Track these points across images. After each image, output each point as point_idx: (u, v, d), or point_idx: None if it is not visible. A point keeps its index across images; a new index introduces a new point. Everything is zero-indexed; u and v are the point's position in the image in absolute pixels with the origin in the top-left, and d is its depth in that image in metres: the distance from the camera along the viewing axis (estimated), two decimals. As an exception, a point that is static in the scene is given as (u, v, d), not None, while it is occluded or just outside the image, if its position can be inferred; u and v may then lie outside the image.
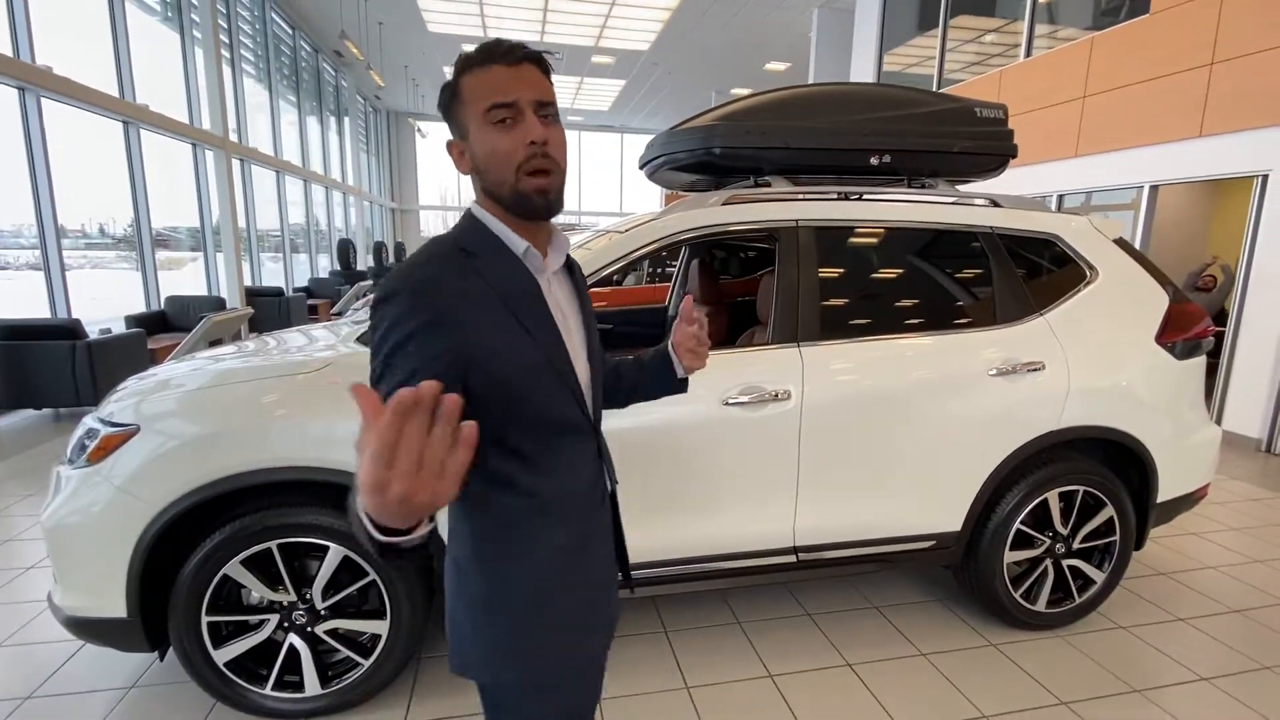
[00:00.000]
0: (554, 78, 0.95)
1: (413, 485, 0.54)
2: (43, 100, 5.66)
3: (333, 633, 1.89)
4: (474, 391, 0.86)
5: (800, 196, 2.22)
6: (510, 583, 0.95)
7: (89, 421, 1.85)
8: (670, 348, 1.18)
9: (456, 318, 0.86)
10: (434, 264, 0.90)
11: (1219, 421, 5.14)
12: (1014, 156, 2.49)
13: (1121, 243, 2.45)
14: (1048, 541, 2.34)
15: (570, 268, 1.06)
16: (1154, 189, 5.71)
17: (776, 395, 2.00)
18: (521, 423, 0.91)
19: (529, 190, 0.89)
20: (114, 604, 1.74)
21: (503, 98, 0.87)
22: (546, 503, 0.94)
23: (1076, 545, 2.36)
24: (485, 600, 0.95)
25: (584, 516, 1.00)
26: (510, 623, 0.95)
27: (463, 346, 0.85)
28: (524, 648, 0.96)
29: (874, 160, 2.32)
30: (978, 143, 2.42)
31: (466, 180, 0.98)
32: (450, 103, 0.93)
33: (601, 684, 1.12)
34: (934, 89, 8.33)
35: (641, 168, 2.76)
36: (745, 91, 15.60)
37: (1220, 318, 5.49)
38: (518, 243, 0.93)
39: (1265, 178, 4.81)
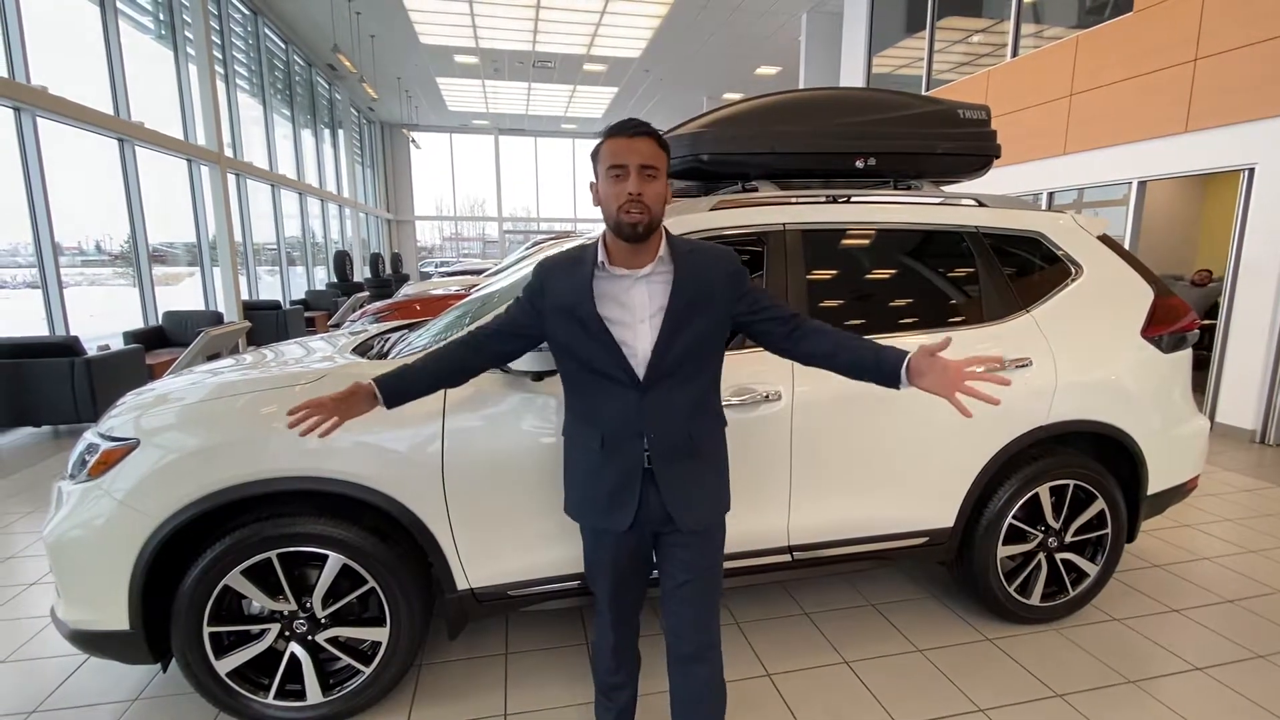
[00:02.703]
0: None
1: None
2: (38, 119, 5.70)
3: (333, 641, 1.91)
4: (548, 333, 1.48)
5: (787, 200, 2.25)
6: (570, 455, 1.54)
7: (89, 437, 1.87)
8: (906, 369, 1.38)
9: (546, 289, 1.47)
10: (556, 257, 1.51)
11: (1212, 414, 5.17)
12: (997, 157, 2.53)
13: (1106, 239, 2.48)
14: (1040, 536, 2.36)
15: (682, 273, 1.41)
16: (1142, 185, 5.76)
17: (768, 396, 2.02)
18: (575, 363, 1.45)
19: (624, 223, 1.35)
20: (116, 617, 1.76)
21: (617, 160, 1.33)
22: (591, 418, 1.46)
23: (1069, 539, 2.39)
24: (564, 460, 1.57)
25: (617, 440, 1.43)
26: (567, 476, 1.56)
27: (544, 303, 1.47)
28: (570, 494, 1.56)
29: (859, 163, 2.35)
30: (961, 144, 2.45)
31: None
32: (594, 157, 1.41)
33: (619, 581, 1.54)
34: (923, 90, 8.41)
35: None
36: (737, 96, 15.69)
37: (1211, 312, 5.54)
38: (600, 256, 1.43)
39: (1251, 171, 4.86)
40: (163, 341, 7.08)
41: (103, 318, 6.92)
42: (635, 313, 1.40)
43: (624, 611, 1.59)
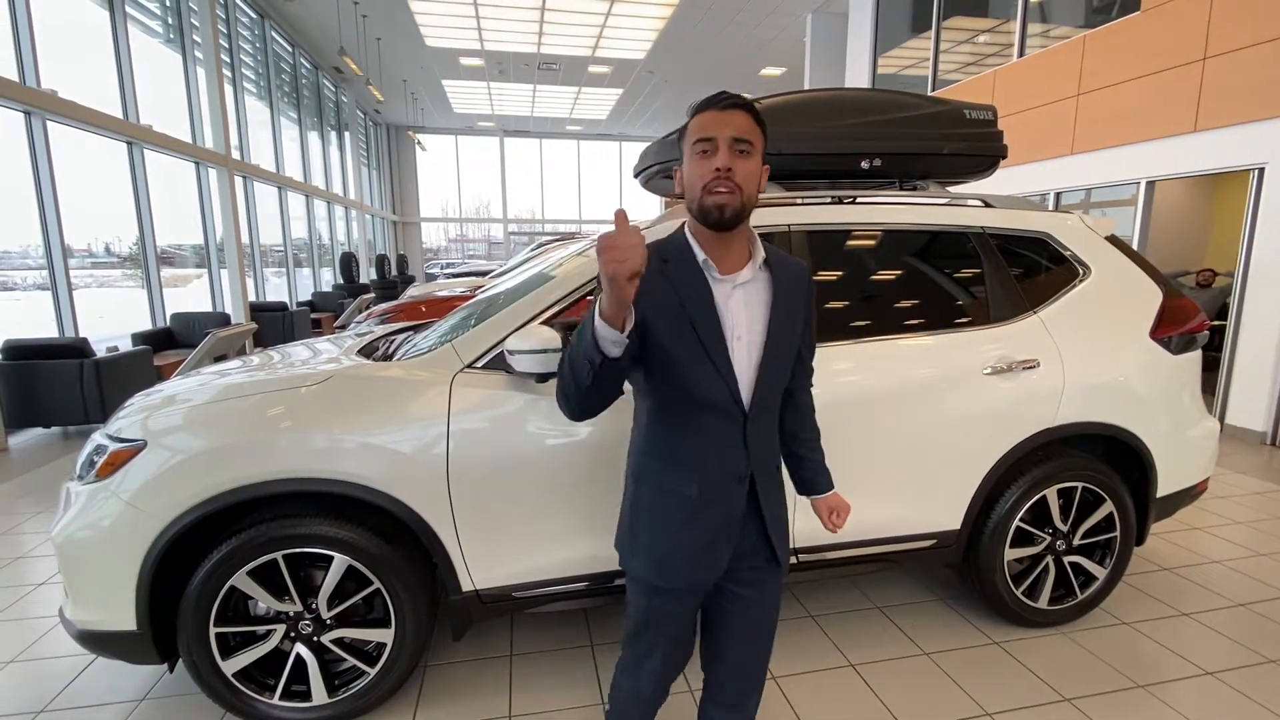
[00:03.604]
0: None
1: (614, 255, 0.94)
2: (48, 123, 5.74)
3: (339, 642, 1.91)
4: (648, 356, 1.18)
5: (792, 201, 2.25)
6: (648, 503, 1.27)
7: (97, 438, 1.89)
8: (811, 500, 1.46)
9: (640, 301, 1.11)
10: None
11: (1222, 416, 5.13)
12: (1004, 157, 2.52)
13: (1114, 240, 2.47)
14: (1048, 538, 2.34)
15: (780, 282, 1.24)
16: (1150, 185, 5.72)
17: (773, 398, 2.02)
18: (676, 392, 1.19)
19: (709, 205, 1.14)
20: (124, 617, 1.77)
21: (706, 134, 1.13)
22: (685, 459, 1.22)
23: (1077, 542, 2.37)
24: (632, 506, 1.30)
25: (717, 485, 1.22)
26: (637, 528, 1.28)
27: (643, 319, 1.14)
28: (641, 549, 1.27)
29: (864, 164, 2.35)
30: (967, 144, 2.45)
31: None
32: (679, 139, 1.21)
33: (683, 632, 1.34)
34: (929, 91, 8.38)
35: (636, 176, 2.80)
36: (742, 97, 15.55)
37: (1221, 313, 5.49)
38: (698, 254, 1.20)
39: (1261, 171, 4.82)
40: (170, 343, 7.13)
41: (111, 319, 6.97)
42: (733, 327, 1.19)
43: (675, 671, 1.40)
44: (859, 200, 2.32)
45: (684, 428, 1.22)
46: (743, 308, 1.20)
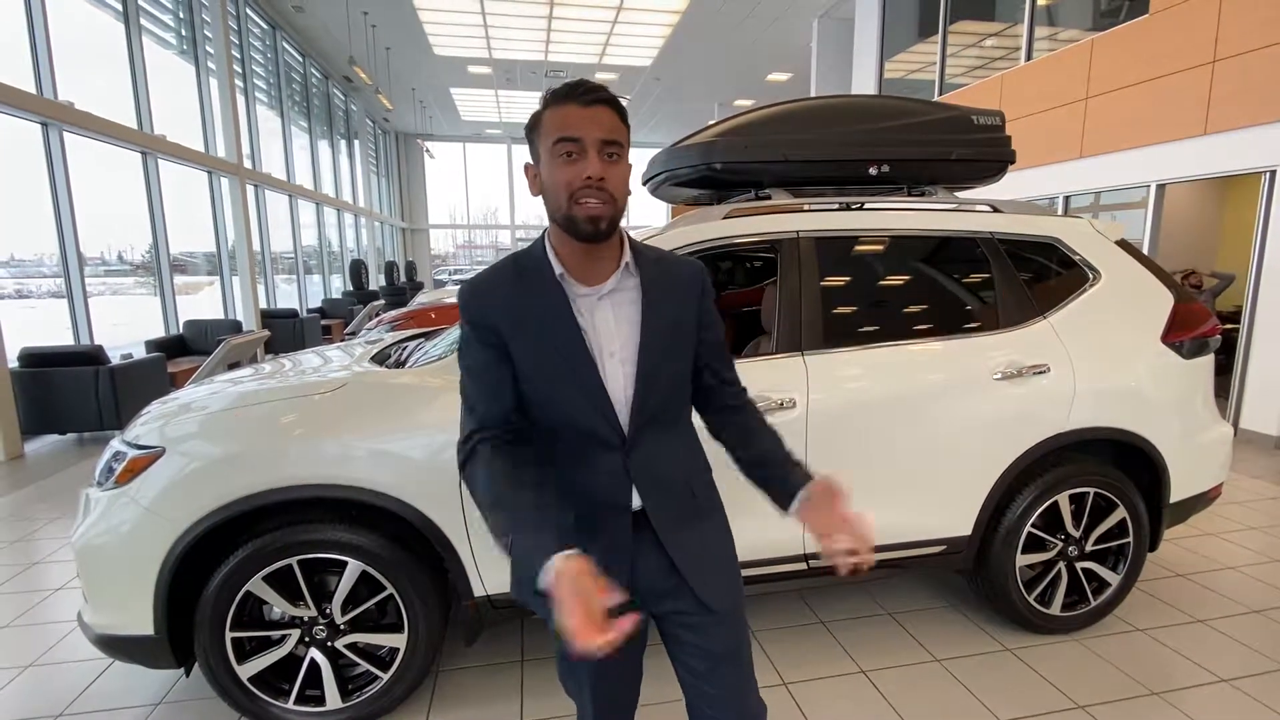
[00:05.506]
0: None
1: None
2: (65, 134, 5.84)
3: (352, 646, 1.93)
4: (519, 382, 1.07)
5: (800, 207, 2.26)
6: None
7: (116, 444, 1.92)
8: (798, 502, 1.11)
9: (492, 323, 1.06)
10: (489, 273, 1.11)
11: (1235, 420, 5.08)
12: (1012, 162, 2.52)
13: (1124, 244, 2.46)
14: (1060, 544, 2.33)
15: (652, 286, 1.08)
16: (1160, 188, 5.69)
17: (782, 404, 2.02)
18: (547, 416, 1.08)
19: (579, 216, 0.99)
20: (142, 622, 1.79)
21: (570, 133, 0.98)
22: (564, 487, 1.09)
23: (1090, 548, 2.36)
24: None
25: (595, 517, 1.09)
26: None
27: (502, 345, 1.05)
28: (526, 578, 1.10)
29: (872, 170, 2.35)
30: (975, 150, 2.45)
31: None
32: (531, 130, 1.05)
33: (615, 673, 1.19)
34: (935, 95, 8.37)
35: (644, 184, 2.81)
36: (748, 103, 15.62)
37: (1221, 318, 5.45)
38: (555, 266, 1.06)
39: (1273, 173, 4.79)
40: (183, 350, 7.21)
41: (125, 326, 7.05)
42: (603, 343, 1.06)
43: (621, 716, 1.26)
44: (867, 206, 2.33)
45: (560, 454, 1.09)
46: (611, 321, 1.07)
